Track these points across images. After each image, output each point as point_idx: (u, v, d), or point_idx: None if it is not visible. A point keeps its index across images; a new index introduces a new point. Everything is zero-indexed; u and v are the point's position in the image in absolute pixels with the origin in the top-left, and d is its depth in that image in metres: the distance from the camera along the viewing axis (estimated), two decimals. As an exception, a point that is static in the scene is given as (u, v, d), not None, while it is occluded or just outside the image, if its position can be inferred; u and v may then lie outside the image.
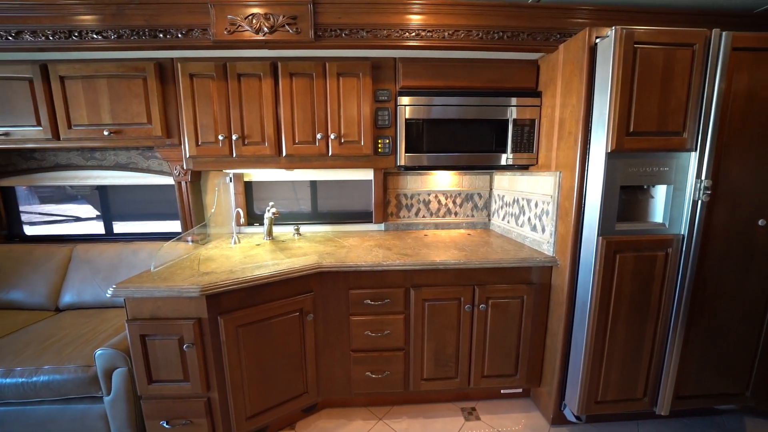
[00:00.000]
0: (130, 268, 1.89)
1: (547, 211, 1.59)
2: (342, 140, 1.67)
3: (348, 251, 1.64)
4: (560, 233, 1.50)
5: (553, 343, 1.57)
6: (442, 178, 2.17)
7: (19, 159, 2.08)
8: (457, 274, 1.53)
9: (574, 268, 1.44)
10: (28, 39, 1.45)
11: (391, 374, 1.59)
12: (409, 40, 1.49)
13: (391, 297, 1.52)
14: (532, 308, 1.58)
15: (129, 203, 2.24)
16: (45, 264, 1.95)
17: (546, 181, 1.61)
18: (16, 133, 1.66)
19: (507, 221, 2.00)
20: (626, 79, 1.21)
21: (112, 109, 1.63)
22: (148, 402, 1.32)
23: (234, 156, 1.65)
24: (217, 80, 1.59)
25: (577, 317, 1.45)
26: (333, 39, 1.46)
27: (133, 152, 2.07)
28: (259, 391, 1.40)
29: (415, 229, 2.20)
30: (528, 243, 1.76)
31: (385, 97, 1.67)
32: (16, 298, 1.88)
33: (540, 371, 1.66)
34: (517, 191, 1.88)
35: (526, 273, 1.57)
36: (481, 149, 1.72)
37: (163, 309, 1.26)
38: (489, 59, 1.68)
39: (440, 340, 1.57)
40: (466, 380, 1.62)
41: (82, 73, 1.60)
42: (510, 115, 1.69)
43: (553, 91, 1.57)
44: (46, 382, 1.33)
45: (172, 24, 1.45)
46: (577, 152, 1.38)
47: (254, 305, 1.35)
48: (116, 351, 1.31)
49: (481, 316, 1.56)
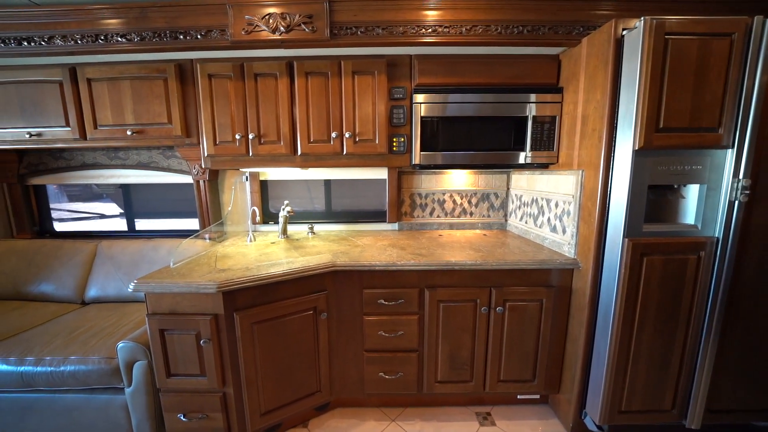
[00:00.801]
0: (150, 264, 1.95)
1: (569, 211, 1.53)
2: (356, 139, 1.66)
3: (362, 250, 1.63)
4: (582, 234, 1.44)
5: (573, 349, 1.51)
6: (458, 177, 2.13)
7: (49, 158, 2.18)
8: (474, 275, 1.50)
9: (597, 270, 1.38)
10: (59, 43, 1.52)
11: (404, 375, 1.57)
12: (425, 37, 1.47)
13: (406, 297, 1.50)
14: (552, 312, 1.52)
15: (150, 201, 2.31)
16: (72, 259, 2.04)
17: (567, 180, 1.55)
18: (47, 134, 1.74)
19: (525, 222, 1.94)
20: (656, 72, 1.14)
21: (134, 109, 1.68)
22: (166, 395, 1.35)
23: (250, 155, 1.67)
24: (235, 80, 1.62)
25: (599, 322, 1.38)
26: (349, 37, 1.46)
27: (155, 152, 2.13)
28: (273, 388, 1.41)
29: (430, 229, 2.17)
30: (547, 244, 1.70)
31: (400, 95, 1.65)
32: (47, 291, 1.97)
33: (559, 377, 1.60)
34: (536, 191, 1.83)
35: (545, 275, 1.52)
36: (498, 147, 1.68)
37: (182, 304, 1.28)
38: (507, 54, 1.63)
39: (455, 342, 1.54)
40: (482, 384, 1.58)
41: (108, 75, 1.66)
42: (529, 112, 1.64)
43: (576, 87, 1.51)
44: (73, 372, 1.38)
45: (191, 25, 1.48)
46: (602, 150, 1.32)
47: (269, 303, 1.36)
48: (137, 344, 1.35)
49: (498, 319, 1.52)
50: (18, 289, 1.98)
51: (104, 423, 1.43)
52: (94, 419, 1.43)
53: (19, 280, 1.99)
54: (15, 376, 1.39)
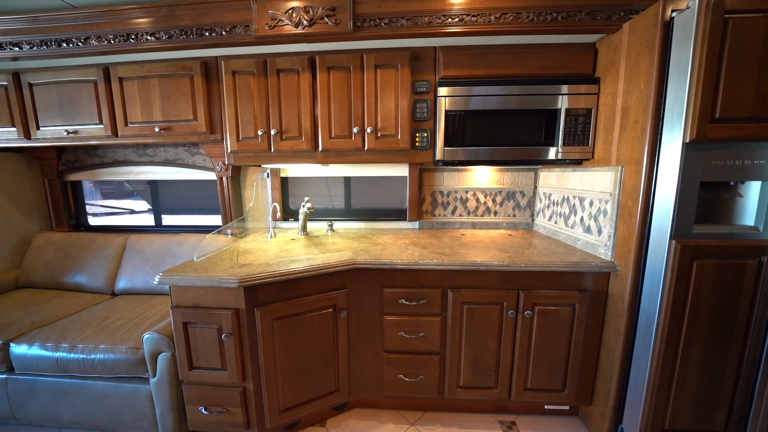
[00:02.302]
0: (175, 258, 2.00)
1: (605, 210, 1.43)
2: (378, 134, 1.62)
3: (382, 249, 1.59)
4: (621, 235, 1.34)
5: (609, 359, 1.40)
6: (482, 174, 2.04)
7: (85, 155, 2.29)
8: (500, 276, 1.42)
9: (638, 275, 1.27)
10: (93, 43, 1.58)
11: (425, 379, 1.51)
12: (451, 27, 1.40)
13: (428, 298, 1.44)
14: (585, 318, 1.42)
15: (176, 198, 2.38)
16: (104, 252, 2.12)
17: (604, 177, 1.44)
18: (82, 131, 1.81)
19: (555, 222, 1.83)
20: (713, 57, 1.03)
21: (162, 106, 1.72)
22: (188, 387, 1.37)
23: (272, 151, 1.67)
24: (258, 76, 1.62)
25: (640, 331, 1.27)
26: (372, 29, 1.42)
27: (180, 149, 2.19)
28: (292, 385, 1.40)
29: (451, 228, 2.10)
30: (580, 246, 1.60)
31: (423, 89, 1.60)
32: (81, 282, 2.07)
33: (592, 388, 1.49)
34: (567, 189, 1.72)
35: (578, 279, 1.42)
36: (526, 142, 1.59)
37: (205, 298, 1.29)
38: (539, 44, 1.54)
39: (479, 346, 1.47)
40: (507, 392, 1.50)
41: (138, 74, 1.71)
42: (561, 104, 1.54)
43: (615, 77, 1.40)
44: (102, 360, 1.43)
45: (216, 22, 1.49)
46: (645, 144, 1.21)
47: (289, 299, 1.34)
48: (162, 336, 1.37)
49: (526, 324, 1.43)
50: (56, 278, 2.09)
51: (130, 411, 1.47)
52: (121, 407, 1.47)
53: (57, 270, 2.10)
54: (51, 361, 1.45)
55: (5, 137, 1.86)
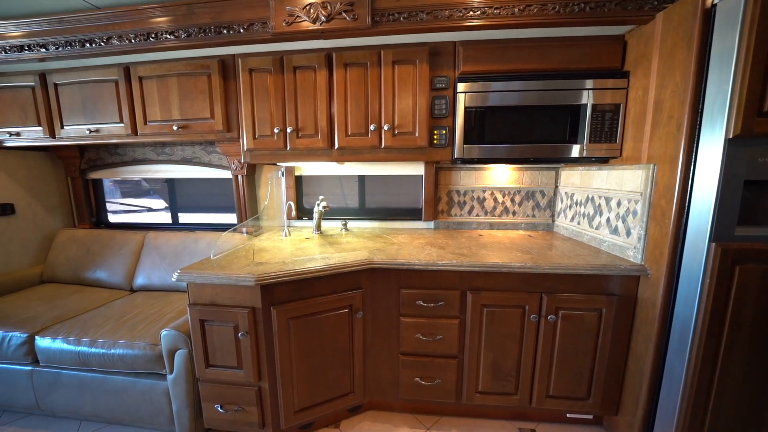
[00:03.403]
0: (192, 256, 2.02)
1: (635, 211, 1.35)
2: (395, 131, 1.59)
3: (398, 248, 1.56)
4: (652, 237, 1.27)
5: (637, 367, 1.33)
6: (500, 173, 1.99)
7: (105, 154, 2.34)
8: (523, 278, 1.37)
9: (671, 279, 1.20)
10: (115, 43, 1.60)
11: (442, 382, 1.47)
12: (473, 20, 1.36)
13: (446, 299, 1.40)
14: (612, 323, 1.35)
15: (192, 196, 2.41)
16: (123, 248, 2.16)
17: (633, 175, 1.37)
18: (104, 130, 1.85)
19: (577, 222, 1.76)
20: (762, 46, 0.96)
21: (180, 105, 1.74)
22: (204, 384, 1.37)
23: (288, 149, 1.66)
24: (274, 74, 1.61)
25: (674, 338, 1.20)
26: (391, 24, 1.39)
27: (197, 147, 2.21)
28: (307, 385, 1.38)
29: (468, 228, 2.05)
30: (605, 248, 1.53)
31: (442, 85, 1.56)
32: (101, 277, 2.11)
33: (618, 397, 1.42)
34: (592, 188, 1.65)
35: (604, 282, 1.35)
36: (549, 140, 1.53)
37: (221, 296, 1.29)
38: (564, 37, 1.48)
39: (499, 350, 1.42)
40: (527, 398, 1.45)
41: (157, 73, 1.73)
42: (587, 99, 1.47)
43: (646, 70, 1.33)
44: (121, 355, 1.44)
45: (234, 20, 1.49)
46: (681, 140, 1.14)
47: (305, 298, 1.33)
48: (179, 333, 1.37)
49: (549, 328, 1.38)
50: (78, 274, 2.14)
51: (148, 406, 1.48)
52: (139, 402, 1.48)
53: (78, 266, 2.15)
54: (73, 355, 1.48)
55: (32, 136, 1.91)
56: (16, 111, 1.90)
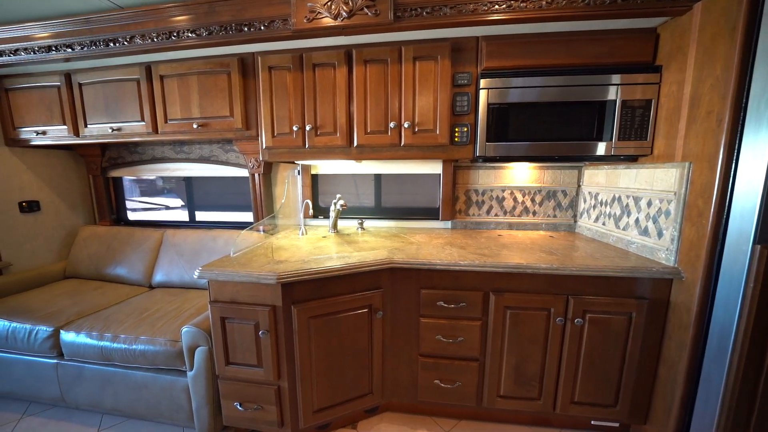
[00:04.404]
0: (209, 253, 2.03)
1: (667, 211, 1.30)
2: (416, 129, 1.56)
3: (418, 248, 1.53)
4: (687, 239, 1.21)
5: (669, 375, 1.27)
6: (520, 172, 1.94)
7: (126, 153, 2.38)
8: (548, 280, 1.32)
9: (709, 283, 1.14)
10: (138, 42, 1.62)
11: (462, 386, 1.44)
12: (498, 14, 1.32)
13: (468, 300, 1.37)
14: (642, 328, 1.30)
15: (208, 195, 2.43)
16: (142, 245, 2.19)
17: (666, 174, 1.31)
18: (125, 128, 1.87)
19: (602, 223, 1.70)
20: (815, 34, 0.90)
21: (200, 103, 1.75)
22: (224, 382, 1.37)
23: (306, 147, 1.66)
24: (294, 71, 1.60)
25: (711, 345, 1.14)
26: (413, 19, 1.36)
27: (215, 146, 2.22)
28: (327, 385, 1.37)
29: (486, 228, 2.00)
30: (633, 249, 1.47)
31: (464, 81, 1.52)
32: (121, 274, 2.15)
33: (647, 406, 1.36)
34: (618, 188, 1.59)
35: (633, 285, 1.30)
36: (575, 137, 1.47)
37: (242, 294, 1.29)
38: (592, 31, 1.43)
39: (523, 354, 1.38)
40: (551, 404, 1.40)
41: (177, 72, 1.74)
42: (616, 95, 1.42)
43: (681, 64, 1.27)
44: (143, 351, 1.46)
45: (255, 17, 1.48)
46: (722, 136, 1.08)
47: (325, 297, 1.31)
48: (199, 330, 1.38)
49: (576, 332, 1.33)
50: (99, 270, 2.18)
51: (168, 402, 1.49)
52: (159, 398, 1.50)
53: (99, 262, 2.19)
54: (96, 350, 1.50)
55: (57, 135, 1.96)
56: (42, 110, 1.94)
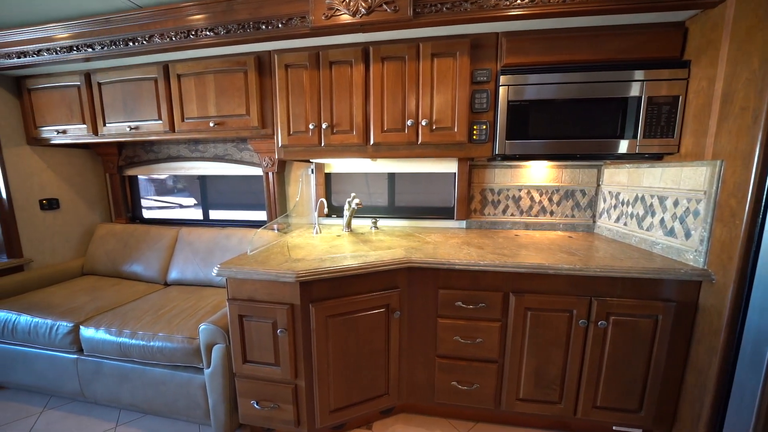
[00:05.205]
0: (223, 251, 2.04)
1: (696, 211, 1.25)
2: (433, 127, 1.54)
3: (435, 247, 1.51)
4: (718, 240, 1.16)
5: (697, 381, 1.23)
6: (537, 171, 1.90)
7: (142, 151, 2.41)
8: (570, 281, 1.29)
9: (742, 286, 1.10)
10: (157, 41, 1.63)
11: (480, 388, 1.42)
12: (520, 9, 1.30)
13: (487, 301, 1.34)
14: (669, 332, 1.26)
15: (221, 194, 2.45)
16: (158, 243, 2.22)
17: (695, 173, 1.26)
18: (143, 127, 1.89)
19: (624, 223, 1.66)
20: None
21: (217, 102, 1.76)
22: (241, 380, 1.37)
23: (322, 145, 1.65)
24: (310, 69, 1.60)
25: (744, 351, 1.10)
26: (433, 15, 1.34)
27: (229, 144, 2.24)
28: (343, 385, 1.36)
29: (502, 228, 1.97)
30: (658, 250, 1.42)
31: (484, 78, 1.50)
32: (137, 271, 2.18)
33: (673, 412, 1.32)
34: (642, 187, 1.54)
35: (659, 287, 1.26)
36: (597, 135, 1.44)
37: (260, 292, 1.28)
38: (616, 25, 1.39)
39: (543, 356, 1.35)
40: (572, 408, 1.37)
41: (195, 71, 1.75)
42: (641, 92, 1.37)
43: (712, 59, 1.22)
44: (160, 348, 1.47)
45: (273, 15, 1.48)
46: (758, 133, 1.04)
47: (343, 296, 1.30)
48: (217, 327, 1.38)
49: (599, 335, 1.29)
50: (115, 267, 2.21)
51: (185, 399, 1.50)
52: (176, 395, 1.50)
53: (116, 259, 2.22)
54: (115, 346, 1.52)
55: (77, 134, 1.99)
56: (63, 109, 1.98)
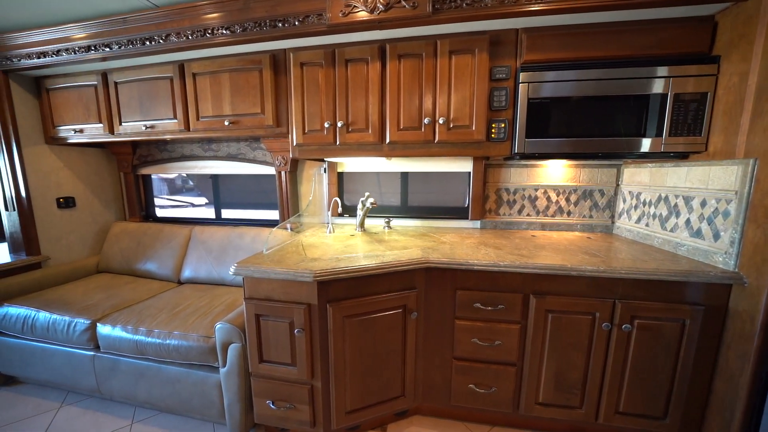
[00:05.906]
0: (236, 250, 2.04)
1: (726, 211, 1.21)
2: (451, 125, 1.52)
3: (451, 248, 1.49)
4: (750, 241, 1.12)
5: (726, 388, 1.18)
6: (554, 171, 1.86)
7: (156, 151, 2.43)
8: (592, 283, 1.26)
9: (777, 290, 1.05)
10: (173, 40, 1.64)
11: (498, 391, 1.39)
12: (541, 4, 1.27)
13: (506, 303, 1.32)
14: (696, 337, 1.22)
15: (233, 193, 2.46)
16: (171, 242, 2.23)
17: (725, 172, 1.22)
18: (158, 126, 1.90)
19: (646, 224, 1.61)
20: None
21: (231, 101, 1.76)
22: (257, 380, 1.37)
23: (337, 143, 1.64)
24: (326, 67, 1.59)
25: (779, 358, 1.05)
26: (452, 11, 1.32)
27: (242, 144, 2.24)
28: (359, 386, 1.34)
29: (518, 228, 1.94)
30: (683, 252, 1.38)
31: (502, 75, 1.47)
32: (151, 269, 2.19)
33: (700, 420, 1.28)
34: (665, 187, 1.50)
35: (686, 290, 1.22)
36: (619, 133, 1.40)
37: (277, 291, 1.27)
38: (641, 20, 1.35)
39: (564, 360, 1.31)
40: (593, 413, 1.34)
41: (210, 69, 1.76)
42: (667, 88, 1.33)
43: (744, 54, 1.18)
44: (176, 346, 1.47)
45: (289, 12, 1.48)
46: (796, 131, 0.99)
47: (360, 297, 1.29)
48: (233, 326, 1.38)
49: (622, 338, 1.26)
50: (130, 265, 2.23)
51: (200, 398, 1.50)
52: (191, 393, 1.51)
53: (130, 257, 2.24)
54: (131, 343, 1.52)
55: (94, 133, 2.01)
56: (80, 109, 2.00)
